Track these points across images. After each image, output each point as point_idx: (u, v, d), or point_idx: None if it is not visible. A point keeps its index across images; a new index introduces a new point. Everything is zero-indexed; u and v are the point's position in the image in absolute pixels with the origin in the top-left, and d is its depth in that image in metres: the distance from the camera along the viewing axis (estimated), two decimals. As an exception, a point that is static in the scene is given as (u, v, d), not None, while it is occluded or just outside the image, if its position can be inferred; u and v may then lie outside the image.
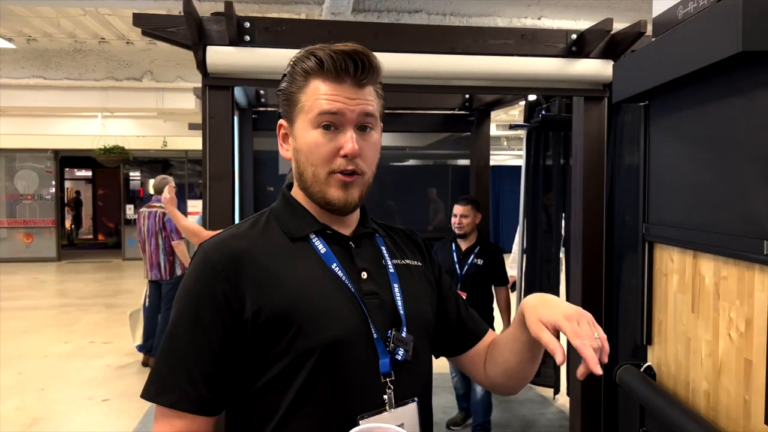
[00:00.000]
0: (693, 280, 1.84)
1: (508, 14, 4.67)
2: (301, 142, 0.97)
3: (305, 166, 0.97)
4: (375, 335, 0.95)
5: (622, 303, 2.57)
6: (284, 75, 1.00)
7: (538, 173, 3.84)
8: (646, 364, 2.11)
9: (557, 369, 4.01)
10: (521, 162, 4.07)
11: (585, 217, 2.66)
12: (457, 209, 3.52)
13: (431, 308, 1.09)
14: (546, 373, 4.01)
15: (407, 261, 1.09)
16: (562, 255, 3.76)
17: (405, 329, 0.98)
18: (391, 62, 2.82)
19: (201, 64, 2.37)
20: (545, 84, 2.66)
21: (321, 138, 0.94)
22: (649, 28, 2.18)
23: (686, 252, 1.88)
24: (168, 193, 3.11)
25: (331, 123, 0.94)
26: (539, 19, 4.69)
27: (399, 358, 0.96)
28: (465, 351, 1.13)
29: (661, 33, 1.96)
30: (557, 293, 3.81)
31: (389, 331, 0.96)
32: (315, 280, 0.95)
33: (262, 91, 3.71)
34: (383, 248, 1.06)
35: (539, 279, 3.93)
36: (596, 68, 2.54)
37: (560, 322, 0.88)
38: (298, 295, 0.93)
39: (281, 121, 1.02)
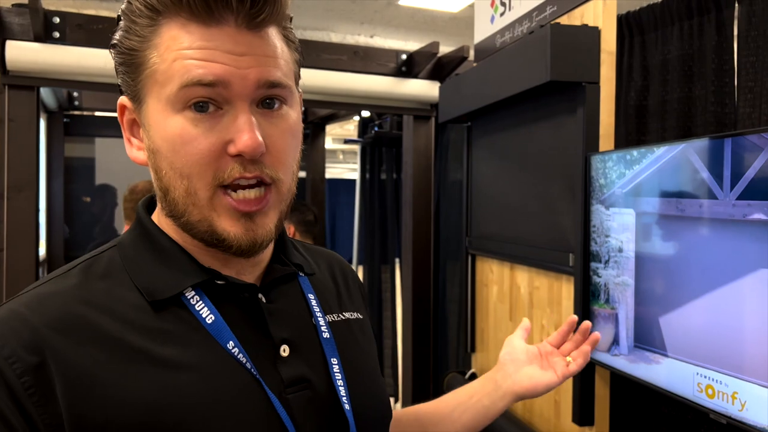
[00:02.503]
0: (510, 290, 1.98)
1: (341, 30, 4.75)
2: (159, 137, 0.56)
3: (171, 179, 0.57)
4: None
5: (449, 312, 2.70)
6: (117, 19, 0.59)
7: (374, 186, 3.94)
8: (471, 371, 2.23)
9: (396, 377, 4.12)
10: (356, 175, 4.15)
11: (414, 229, 2.76)
12: None
13: (383, 383, 0.73)
14: (388, 382, 4.10)
15: (346, 314, 0.71)
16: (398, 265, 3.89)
17: None
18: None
19: (-2, 60, 2.09)
20: (377, 101, 2.73)
21: (191, 128, 0.55)
22: (472, 53, 2.32)
23: (504, 264, 2.01)
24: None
25: (207, 99, 0.55)
26: (372, 37, 4.83)
27: None
28: None
29: (481, 58, 2.10)
30: (393, 303, 3.91)
31: None
32: (196, 377, 0.55)
33: (75, 93, 3.38)
34: (311, 297, 0.68)
35: (376, 288, 4.01)
36: (424, 88, 2.65)
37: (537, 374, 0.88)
38: (164, 409, 0.52)
39: (122, 100, 0.61)
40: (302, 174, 4.67)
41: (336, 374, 0.63)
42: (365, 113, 3.85)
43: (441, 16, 4.48)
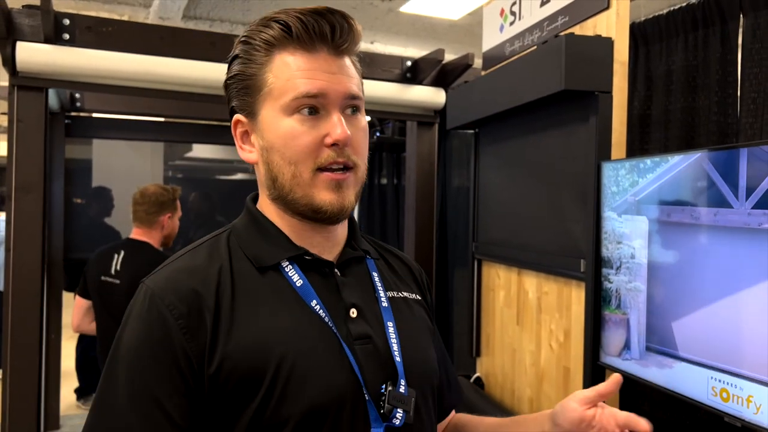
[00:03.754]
0: (518, 295, 2.00)
1: (342, 35, 4.78)
2: (273, 136, 0.76)
3: (281, 167, 0.76)
4: (367, 396, 0.74)
5: (455, 317, 2.72)
6: (234, 57, 0.79)
7: (373, 191, 3.95)
8: (476, 375, 2.25)
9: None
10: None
11: (417, 234, 2.78)
12: None
13: (434, 355, 0.88)
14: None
15: (404, 293, 0.88)
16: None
17: (404, 383, 0.77)
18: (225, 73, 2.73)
19: (8, 61, 2.09)
20: (382, 107, 2.75)
21: (299, 126, 0.74)
22: (477, 61, 2.35)
23: (511, 269, 2.04)
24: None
25: (312, 106, 0.74)
26: (372, 43, 4.86)
27: (397, 423, 0.74)
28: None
29: (490, 66, 2.13)
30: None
31: (383, 387, 0.75)
32: (289, 324, 0.74)
33: (77, 94, 3.37)
34: (375, 275, 0.85)
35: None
36: (429, 95, 2.68)
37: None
38: (268, 345, 0.71)
39: (238, 117, 0.80)
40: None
41: (391, 334, 0.80)
42: (367, 118, 3.87)
43: (441, 24, 4.52)
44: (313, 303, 0.76)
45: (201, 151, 6.20)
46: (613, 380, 0.83)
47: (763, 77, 1.60)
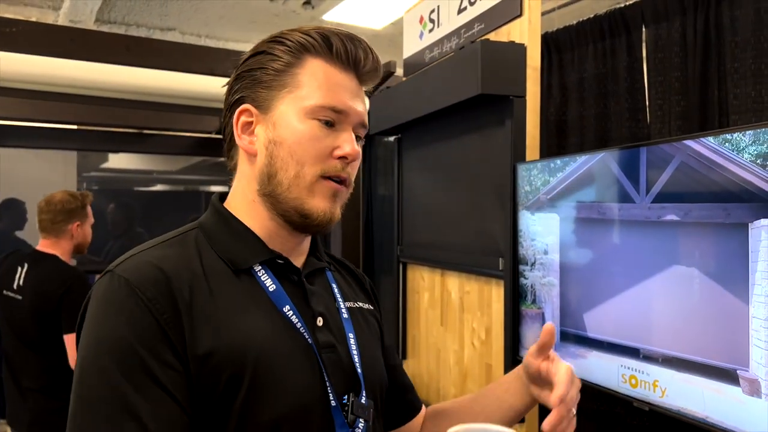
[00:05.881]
0: (441, 296, 2.04)
1: (264, 43, 4.73)
2: (287, 132, 0.76)
3: (286, 163, 0.76)
4: (333, 403, 0.75)
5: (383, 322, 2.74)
6: (258, 52, 0.80)
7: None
8: (402, 377, 2.27)
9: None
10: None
11: (344, 241, 2.79)
12: None
13: (383, 365, 0.90)
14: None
15: (360, 304, 0.90)
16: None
17: (364, 393, 0.79)
18: (143, 78, 2.65)
19: None
20: (305, 113, 2.75)
21: (318, 131, 0.76)
22: (399, 70, 2.39)
23: (435, 270, 2.08)
24: None
25: (331, 119, 0.77)
26: (295, 50, 4.83)
27: (359, 431, 0.77)
28: (402, 424, 0.95)
29: (410, 73, 2.17)
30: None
31: (345, 397, 0.77)
32: (265, 328, 0.73)
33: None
34: (335, 286, 0.87)
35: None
36: (352, 101, 2.70)
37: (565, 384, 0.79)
38: (246, 348, 0.70)
39: (247, 107, 0.79)
40: (221, 187, 4.58)
41: (352, 345, 0.81)
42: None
43: (364, 33, 4.53)
44: (286, 309, 0.76)
45: (118, 161, 5.97)
46: (547, 330, 0.84)
47: (667, 85, 1.70)
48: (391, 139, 2.35)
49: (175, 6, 3.84)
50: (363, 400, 0.78)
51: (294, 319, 0.75)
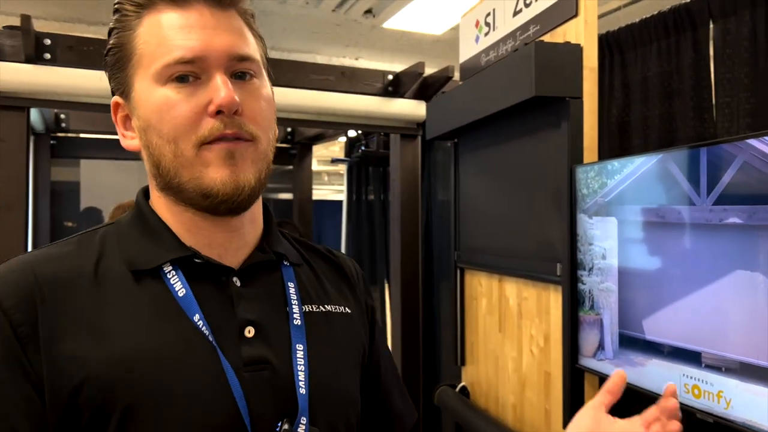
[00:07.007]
0: (499, 302, 2.01)
1: (327, 53, 4.83)
2: (147, 112, 0.63)
3: (161, 147, 0.63)
4: None
5: (441, 328, 2.73)
6: (109, 31, 0.67)
7: (361, 207, 3.96)
8: (461, 384, 2.25)
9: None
10: (342, 196, 4.18)
11: (402, 247, 2.79)
12: None
13: (356, 381, 0.75)
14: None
15: (329, 307, 0.74)
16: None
17: (305, 420, 0.64)
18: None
19: (-11, 80, 2.11)
20: (364, 120, 2.77)
21: (174, 95, 0.62)
22: (457, 74, 2.38)
23: (493, 276, 2.05)
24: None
25: (187, 73, 0.62)
26: (357, 59, 4.91)
27: None
28: None
29: (467, 77, 2.16)
30: (384, 322, 3.92)
31: (278, 424, 0.62)
32: (160, 342, 0.61)
33: (62, 115, 3.39)
34: (291, 286, 0.71)
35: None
36: (410, 108, 2.71)
37: None
38: (127, 364, 0.58)
39: (116, 99, 0.68)
40: (288, 195, 4.69)
41: (298, 359, 0.66)
42: (351, 133, 3.90)
43: (425, 39, 4.57)
44: (196, 318, 0.62)
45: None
46: (619, 378, 0.77)
47: (735, 82, 1.62)
48: (449, 143, 2.35)
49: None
50: (302, 428, 0.63)
51: (205, 330, 0.62)
